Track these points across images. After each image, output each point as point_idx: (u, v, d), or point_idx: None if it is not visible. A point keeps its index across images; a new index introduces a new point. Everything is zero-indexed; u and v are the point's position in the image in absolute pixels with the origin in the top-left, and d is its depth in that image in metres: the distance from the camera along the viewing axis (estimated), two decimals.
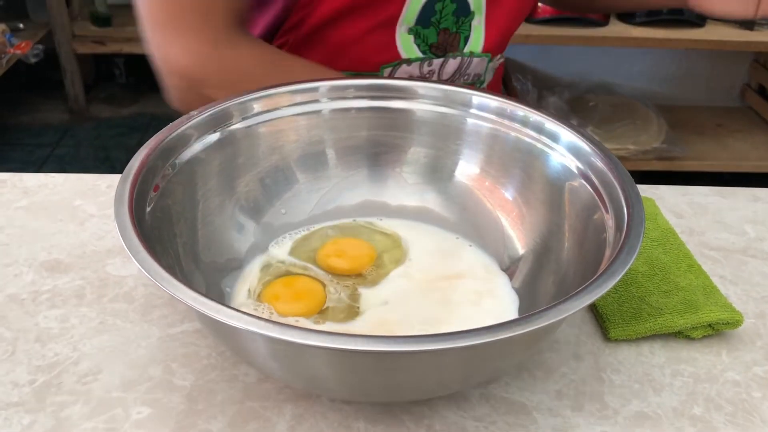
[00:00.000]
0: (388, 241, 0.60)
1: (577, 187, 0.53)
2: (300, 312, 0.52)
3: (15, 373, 0.50)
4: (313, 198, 0.62)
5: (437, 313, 0.53)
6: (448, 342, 0.36)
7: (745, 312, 0.58)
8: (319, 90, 0.61)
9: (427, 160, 0.63)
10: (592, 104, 2.09)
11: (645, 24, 1.83)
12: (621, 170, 0.50)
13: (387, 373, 0.42)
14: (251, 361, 0.45)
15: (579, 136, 0.54)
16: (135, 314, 0.56)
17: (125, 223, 0.43)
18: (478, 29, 0.76)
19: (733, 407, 0.50)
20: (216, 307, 0.37)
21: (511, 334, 0.36)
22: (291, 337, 0.36)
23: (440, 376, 0.43)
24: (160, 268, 0.39)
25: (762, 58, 2.22)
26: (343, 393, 0.48)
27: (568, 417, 0.48)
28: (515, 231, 0.58)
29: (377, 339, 0.36)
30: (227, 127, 0.57)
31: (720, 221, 0.70)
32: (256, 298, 0.53)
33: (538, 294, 0.54)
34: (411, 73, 0.75)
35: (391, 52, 0.74)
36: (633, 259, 0.42)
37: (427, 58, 0.75)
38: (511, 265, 0.57)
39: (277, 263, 0.57)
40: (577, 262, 0.51)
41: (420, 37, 0.74)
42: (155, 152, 0.50)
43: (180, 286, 0.38)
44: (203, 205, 0.55)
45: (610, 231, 0.47)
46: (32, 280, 0.59)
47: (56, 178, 0.73)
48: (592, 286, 0.40)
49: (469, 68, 0.78)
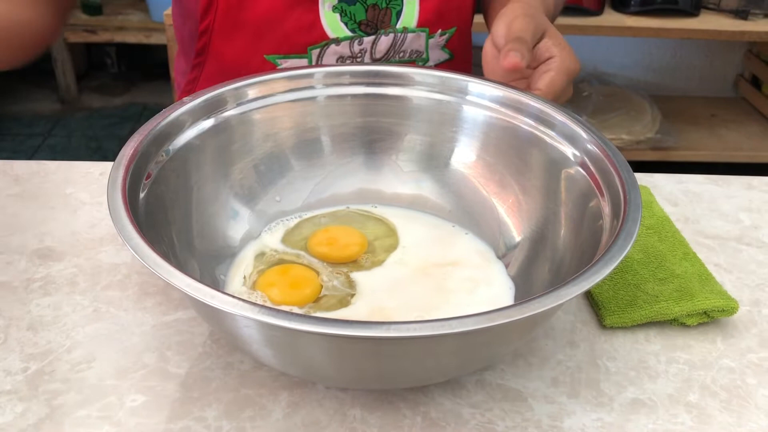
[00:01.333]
0: (382, 229, 0.60)
1: (573, 174, 0.53)
2: (296, 301, 0.52)
3: (7, 361, 0.50)
4: (308, 185, 0.62)
5: (433, 300, 0.53)
6: (445, 328, 0.36)
7: (740, 299, 0.58)
8: (315, 76, 0.60)
9: (422, 148, 0.62)
10: (585, 94, 2.08)
11: (639, 13, 1.82)
12: (618, 157, 0.50)
13: (383, 359, 0.42)
14: (247, 349, 0.44)
15: (576, 122, 0.54)
16: (129, 302, 0.55)
17: (119, 209, 0.42)
18: (411, 3, 0.73)
19: (728, 394, 0.50)
20: (211, 293, 0.37)
21: (508, 319, 0.36)
22: (288, 323, 0.35)
23: (436, 363, 0.43)
24: (156, 255, 0.39)
25: (756, 49, 2.22)
26: (338, 380, 0.48)
27: (563, 404, 0.48)
28: (511, 218, 0.58)
29: (374, 325, 0.36)
30: (221, 113, 0.56)
31: (715, 209, 0.70)
32: (251, 287, 0.53)
33: (533, 281, 0.54)
34: (341, 53, 0.72)
35: (317, 31, 0.71)
36: (630, 245, 0.42)
37: (357, 36, 0.72)
38: (507, 253, 0.57)
39: (271, 251, 0.57)
40: (574, 249, 0.51)
41: (347, 14, 0.71)
42: (148, 138, 0.50)
43: (175, 272, 0.38)
44: (197, 192, 0.55)
45: (607, 218, 0.47)
46: (25, 267, 0.58)
47: (48, 165, 0.72)
48: (589, 272, 0.40)
49: (404, 45, 0.74)
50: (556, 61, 0.58)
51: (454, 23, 0.76)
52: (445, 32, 0.76)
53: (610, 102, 2.07)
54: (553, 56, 0.59)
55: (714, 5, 1.87)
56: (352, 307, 0.52)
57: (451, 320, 0.36)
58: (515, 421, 0.47)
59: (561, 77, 0.58)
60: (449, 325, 0.36)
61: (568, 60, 0.59)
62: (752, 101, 2.24)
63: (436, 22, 0.75)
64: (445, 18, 0.75)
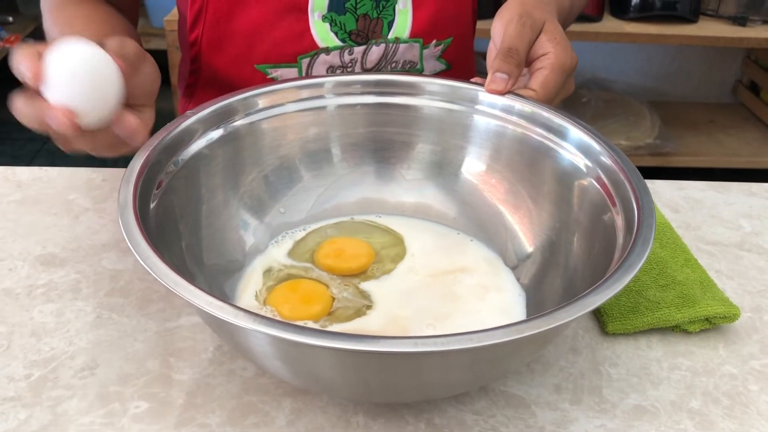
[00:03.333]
0: (388, 238, 0.60)
1: (586, 186, 0.53)
2: (309, 316, 0.51)
3: (10, 368, 0.50)
4: (311, 196, 0.61)
5: (445, 307, 0.53)
6: (464, 342, 0.35)
7: (742, 306, 0.58)
8: (325, 86, 0.60)
9: (432, 157, 0.62)
10: (584, 100, 2.09)
11: (638, 20, 1.83)
12: (631, 169, 0.49)
13: (405, 374, 0.41)
14: (260, 362, 0.43)
15: (588, 133, 0.54)
16: (131, 308, 0.55)
17: (132, 228, 0.42)
18: (403, 14, 0.72)
19: (730, 400, 0.50)
20: (234, 312, 0.36)
21: (538, 330, 0.36)
22: (307, 339, 0.35)
23: (448, 377, 0.42)
24: (174, 273, 0.38)
25: (754, 55, 2.22)
26: (347, 393, 0.47)
27: (566, 410, 0.49)
28: (523, 229, 0.58)
29: (396, 340, 0.35)
30: (231, 122, 0.56)
31: (716, 216, 0.71)
32: (263, 303, 0.53)
33: (546, 291, 0.53)
34: (331, 63, 0.72)
35: (306, 41, 0.70)
36: (643, 260, 0.41)
37: (347, 46, 0.72)
38: (519, 264, 0.57)
39: (279, 266, 0.56)
40: (587, 261, 0.50)
41: (336, 24, 0.71)
42: (158, 148, 0.49)
43: (197, 291, 0.37)
44: (207, 203, 0.54)
45: (620, 232, 0.46)
46: (27, 274, 0.58)
47: (50, 171, 0.72)
48: (611, 280, 0.40)
49: (396, 55, 0.74)
50: (550, 58, 0.57)
51: (450, 33, 0.75)
52: (441, 42, 0.75)
53: (609, 108, 2.08)
54: (547, 53, 0.58)
55: (712, 12, 1.88)
56: (367, 318, 0.52)
57: (480, 333, 0.35)
58: (518, 427, 0.47)
59: (555, 76, 0.57)
60: (477, 338, 0.35)
61: (563, 56, 0.58)
62: (751, 107, 2.25)
63: (431, 32, 0.74)
64: (440, 28, 0.74)
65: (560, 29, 0.60)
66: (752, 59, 2.23)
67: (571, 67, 0.58)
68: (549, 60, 0.57)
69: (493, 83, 0.57)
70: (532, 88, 0.57)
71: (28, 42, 0.47)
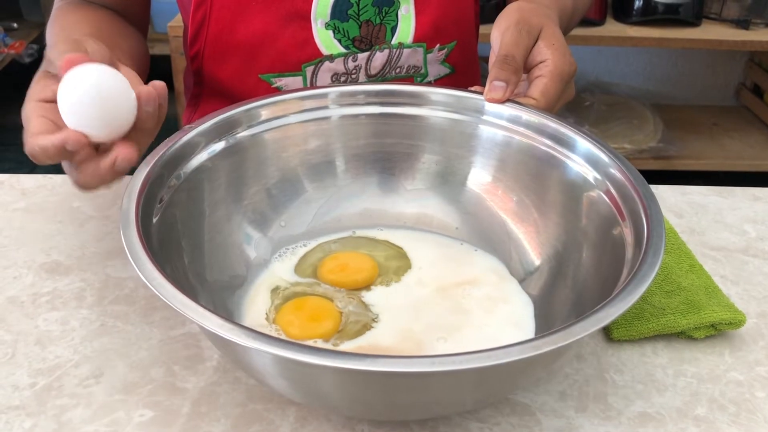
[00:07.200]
0: (392, 251, 0.59)
1: (595, 199, 0.52)
2: (319, 334, 0.51)
3: (15, 376, 0.50)
4: (314, 207, 0.61)
5: (455, 320, 0.52)
6: (483, 360, 0.35)
7: (747, 312, 0.58)
8: (329, 96, 0.60)
9: (437, 168, 0.61)
10: (588, 103, 2.09)
11: (641, 23, 1.83)
12: (638, 179, 0.49)
13: (419, 393, 0.41)
14: (268, 382, 0.43)
15: (596, 144, 0.53)
16: (136, 316, 0.55)
17: (134, 245, 0.41)
18: (406, 19, 0.72)
19: (736, 407, 0.50)
20: (249, 334, 0.36)
21: (550, 348, 0.36)
22: (343, 363, 0.34)
23: (458, 395, 0.42)
24: (183, 296, 0.38)
25: (757, 58, 2.22)
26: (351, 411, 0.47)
27: (571, 418, 0.48)
28: (529, 240, 0.57)
29: (412, 360, 0.35)
30: (234, 135, 0.56)
31: (720, 221, 0.70)
32: (272, 322, 0.52)
33: (554, 304, 0.53)
34: (335, 70, 0.72)
35: (310, 49, 0.70)
36: (655, 271, 0.41)
37: (351, 52, 0.72)
38: (526, 275, 0.56)
39: (285, 284, 0.56)
40: (595, 273, 0.50)
41: (340, 31, 0.71)
42: (160, 162, 0.49)
43: (207, 314, 0.37)
44: (209, 217, 0.54)
45: (629, 246, 0.46)
46: (32, 282, 0.58)
47: (54, 179, 0.72)
48: (623, 293, 0.39)
49: (400, 60, 0.74)
50: (548, 66, 0.57)
51: (453, 37, 0.75)
52: (444, 47, 0.75)
53: (612, 111, 2.08)
54: (546, 60, 0.58)
55: (715, 15, 1.88)
56: (375, 332, 0.51)
57: (497, 350, 0.35)
58: None
59: (554, 83, 0.57)
60: (496, 356, 0.35)
61: (561, 63, 0.57)
62: (754, 110, 2.25)
63: (434, 36, 0.74)
64: (443, 32, 0.74)
65: (559, 34, 0.60)
66: (755, 62, 2.23)
67: (570, 74, 0.58)
68: (548, 67, 0.57)
69: (492, 92, 0.57)
70: (533, 96, 0.57)
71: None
